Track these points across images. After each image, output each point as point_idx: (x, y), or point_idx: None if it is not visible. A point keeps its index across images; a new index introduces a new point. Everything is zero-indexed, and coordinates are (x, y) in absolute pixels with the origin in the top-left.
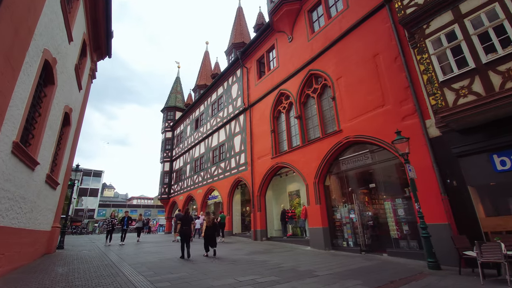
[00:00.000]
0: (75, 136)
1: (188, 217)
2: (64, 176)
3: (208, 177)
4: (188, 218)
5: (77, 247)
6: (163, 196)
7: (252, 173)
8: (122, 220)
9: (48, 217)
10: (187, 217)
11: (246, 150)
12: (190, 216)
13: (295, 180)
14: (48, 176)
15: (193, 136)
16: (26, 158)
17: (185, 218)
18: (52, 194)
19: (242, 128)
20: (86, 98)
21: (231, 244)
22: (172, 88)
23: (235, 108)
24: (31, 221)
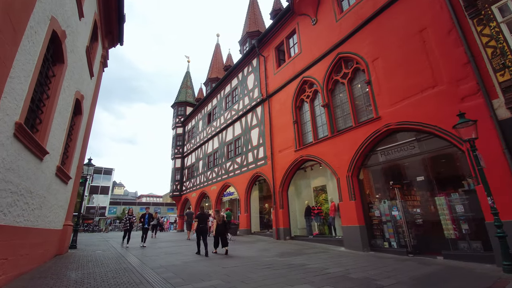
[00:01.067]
0: (87, 127)
1: (204, 215)
2: (75, 170)
3: (223, 173)
4: (204, 216)
5: (91, 246)
6: (175, 193)
7: (273, 167)
8: (142, 218)
9: (59, 215)
10: (203, 215)
11: (265, 143)
12: (205, 214)
13: (321, 174)
14: (59, 168)
15: (206, 131)
16: (32, 144)
17: (201, 216)
18: (63, 189)
19: (260, 120)
20: (98, 87)
21: (253, 243)
22: (182, 83)
23: (252, 100)
24: (40, 218)
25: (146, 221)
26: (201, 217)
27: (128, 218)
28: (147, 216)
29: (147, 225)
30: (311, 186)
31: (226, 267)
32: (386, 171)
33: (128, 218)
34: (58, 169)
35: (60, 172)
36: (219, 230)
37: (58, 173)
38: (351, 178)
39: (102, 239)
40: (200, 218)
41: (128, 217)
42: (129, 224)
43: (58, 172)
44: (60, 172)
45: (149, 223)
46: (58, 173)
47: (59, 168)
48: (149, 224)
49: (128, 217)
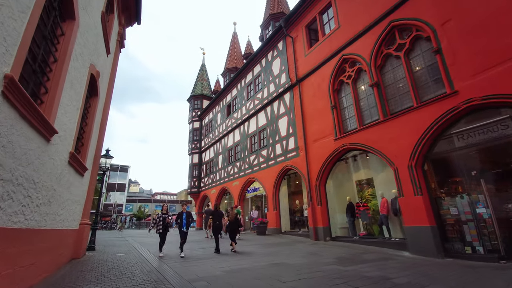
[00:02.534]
0: (104, 113)
1: (219, 212)
2: (92, 161)
3: (246, 167)
4: (219, 213)
5: (110, 247)
6: (193, 190)
7: (307, 159)
8: (179, 218)
9: (75, 212)
10: (218, 212)
11: (297, 133)
12: (220, 211)
13: (366, 165)
14: (73, 156)
15: (225, 124)
16: (33, 115)
17: (216, 213)
18: (78, 182)
19: (289, 108)
20: (114, 69)
21: (290, 245)
22: (198, 76)
23: (278, 86)
24: (49, 217)
25: (184, 223)
26: (216, 214)
27: (163, 218)
28: (184, 215)
29: (185, 228)
30: (353, 180)
31: (286, 281)
32: (466, 158)
33: (163, 217)
34: (72, 157)
35: (74, 160)
36: (231, 228)
37: (72, 162)
38: (414, 168)
39: (122, 239)
40: (215, 215)
41: (163, 217)
42: (162, 225)
43: (72, 160)
44: (74, 161)
45: (188, 225)
46: (72, 161)
47: (73, 155)
48: (187, 226)
49: (162, 216)
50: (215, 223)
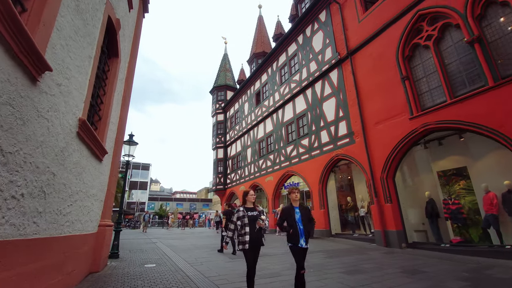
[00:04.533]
0: (127, 83)
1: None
2: (113, 145)
3: (282, 160)
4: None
5: (137, 253)
6: (219, 187)
7: (367, 145)
8: (286, 217)
9: (91, 210)
10: (232, 212)
11: (349, 115)
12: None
13: (457, 151)
14: (84, 125)
15: (254, 113)
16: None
17: (230, 212)
18: (95, 169)
19: (338, 88)
20: (138, 32)
21: (360, 254)
22: (220, 66)
23: (322, 64)
24: (45, 218)
25: (301, 229)
26: (229, 213)
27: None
28: (298, 213)
29: (303, 239)
30: (434, 170)
31: None
32: None
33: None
34: (83, 127)
35: (87, 133)
36: None
37: (83, 135)
38: None
39: (148, 240)
40: (228, 215)
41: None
42: (251, 233)
43: (83, 132)
44: (86, 134)
45: (308, 234)
46: (83, 133)
47: (84, 124)
48: (307, 238)
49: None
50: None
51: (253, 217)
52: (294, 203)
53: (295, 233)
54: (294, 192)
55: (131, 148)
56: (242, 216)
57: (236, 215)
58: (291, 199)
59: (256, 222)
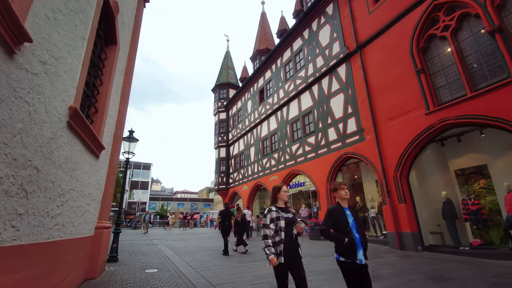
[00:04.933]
0: (127, 74)
1: (229, 212)
2: (112, 140)
3: (288, 159)
4: (229, 213)
5: (137, 256)
6: (221, 187)
7: (379, 143)
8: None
9: (86, 211)
10: (228, 211)
11: (359, 111)
12: (230, 211)
13: (477, 147)
14: (75, 114)
15: (258, 111)
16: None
17: (226, 213)
18: (91, 166)
19: (346, 83)
20: (138, 21)
21: (374, 258)
22: (222, 63)
23: (329, 59)
24: (27, 221)
25: (358, 238)
26: (225, 214)
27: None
28: (350, 215)
29: (361, 252)
30: (451, 169)
31: None
32: None
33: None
34: (74, 116)
35: (80, 123)
36: (238, 228)
37: (75, 125)
38: None
39: (149, 242)
40: (224, 215)
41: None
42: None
43: (75, 122)
44: (79, 124)
45: (365, 246)
46: (75, 123)
47: (76, 113)
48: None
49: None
50: (224, 223)
51: (290, 220)
52: (343, 202)
53: (350, 243)
54: (343, 189)
55: (131, 145)
56: (276, 218)
57: (268, 216)
58: (338, 198)
59: (295, 226)
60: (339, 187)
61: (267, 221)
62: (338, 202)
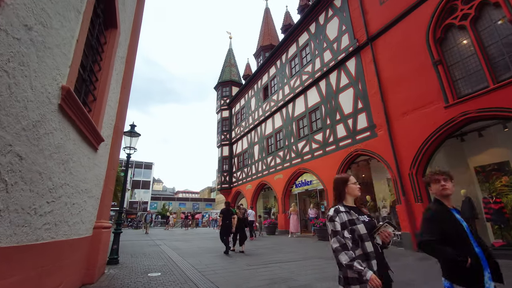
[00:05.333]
0: (128, 62)
1: (229, 211)
2: (112, 133)
3: (293, 157)
4: (229, 212)
5: (139, 258)
6: (224, 186)
7: (392, 139)
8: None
9: (84, 209)
10: (228, 210)
11: (370, 106)
12: (231, 210)
13: (499, 142)
14: (69, 96)
15: (262, 109)
16: None
17: (226, 211)
18: (88, 159)
19: (356, 77)
20: (140, 4)
21: (396, 261)
22: (225, 61)
23: (338, 53)
24: (8, 219)
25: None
26: (226, 212)
27: None
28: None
29: None
30: (471, 165)
31: None
32: None
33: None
34: (67, 98)
35: (73, 108)
36: (238, 226)
37: (69, 110)
38: None
39: (151, 242)
40: (225, 214)
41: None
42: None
43: (69, 107)
44: (73, 109)
45: None
46: (69, 108)
47: (69, 95)
48: None
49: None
50: (225, 222)
51: (371, 225)
52: (446, 200)
53: (472, 264)
54: (447, 181)
55: (133, 140)
56: (350, 222)
57: (337, 220)
58: (437, 193)
59: (378, 233)
60: (439, 177)
61: (336, 226)
62: (437, 200)
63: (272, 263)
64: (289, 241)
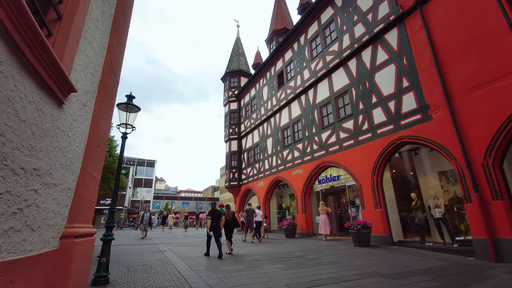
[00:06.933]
0: None
1: (217, 211)
2: (95, 91)
3: (315, 149)
4: (217, 212)
5: (138, 272)
6: (232, 184)
7: (456, 121)
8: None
9: (38, 206)
10: (216, 211)
11: (420, 84)
12: (218, 211)
13: None
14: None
15: (276, 98)
16: None
17: (214, 212)
18: (43, 117)
19: (398, 52)
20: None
21: (480, 284)
22: (233, 50)
23: (372, 25)
24: None
25: None
26: (214, 213)
27: None
28: None
29: None
30: None
31: None
32: None
33: None
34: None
35: (8, 5)
36: (228, 227)
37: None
38: None
39: (154, 247)
40: (213, 215)
41: None
42: None
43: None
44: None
45: None
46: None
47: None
48: None
49: None
50: (213, 223)
51: None
52: None
53: None
54: None
55: (130, 116)
56: None
57: None
58: None
59: None
60: None
61: None
62: None
63: (328, 283)
64: (319, 246)
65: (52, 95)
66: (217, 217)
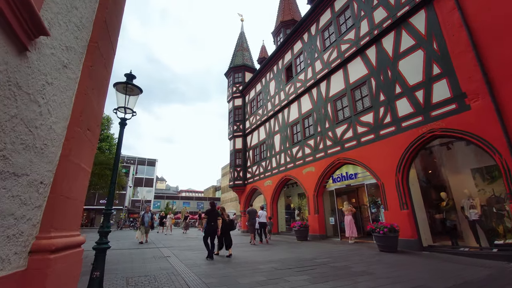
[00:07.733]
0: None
1: (214, 212)
2: (83, 52)
3: (329, 145)
4: (214, 212)
5: (138, 285)
6: (237, 183)
7: (500, 110)
8: None
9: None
10: (213, 211)
11: (454, 70)
12: (216, 211)
13: None
14: None
15: (284, 92)
16: None
17: (211, 212)
18: None
19: (426, 36)
20: None
21: None
22: (237, 45)
23: (395, 9)
24: None
25: None
26: (211, 213)
27: None
28: None
29: None
30: None
31: None
32: None
33: None
34: None
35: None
36: (225, 229)
37: None
38: None
39: (156, 252)
40: (210, 215)
41: None
42: None
43: None
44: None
45: None
46: None
47: None
48: None
49: None
50: (210, 224)
51: None
52: None
53: None
54: None
55: (130, 99)
56: None
57: None
58: None
59: None
60: None
61: None
62: None
63: None
64: (340, 251)
65: (7, 28)
66: (214, 218)
